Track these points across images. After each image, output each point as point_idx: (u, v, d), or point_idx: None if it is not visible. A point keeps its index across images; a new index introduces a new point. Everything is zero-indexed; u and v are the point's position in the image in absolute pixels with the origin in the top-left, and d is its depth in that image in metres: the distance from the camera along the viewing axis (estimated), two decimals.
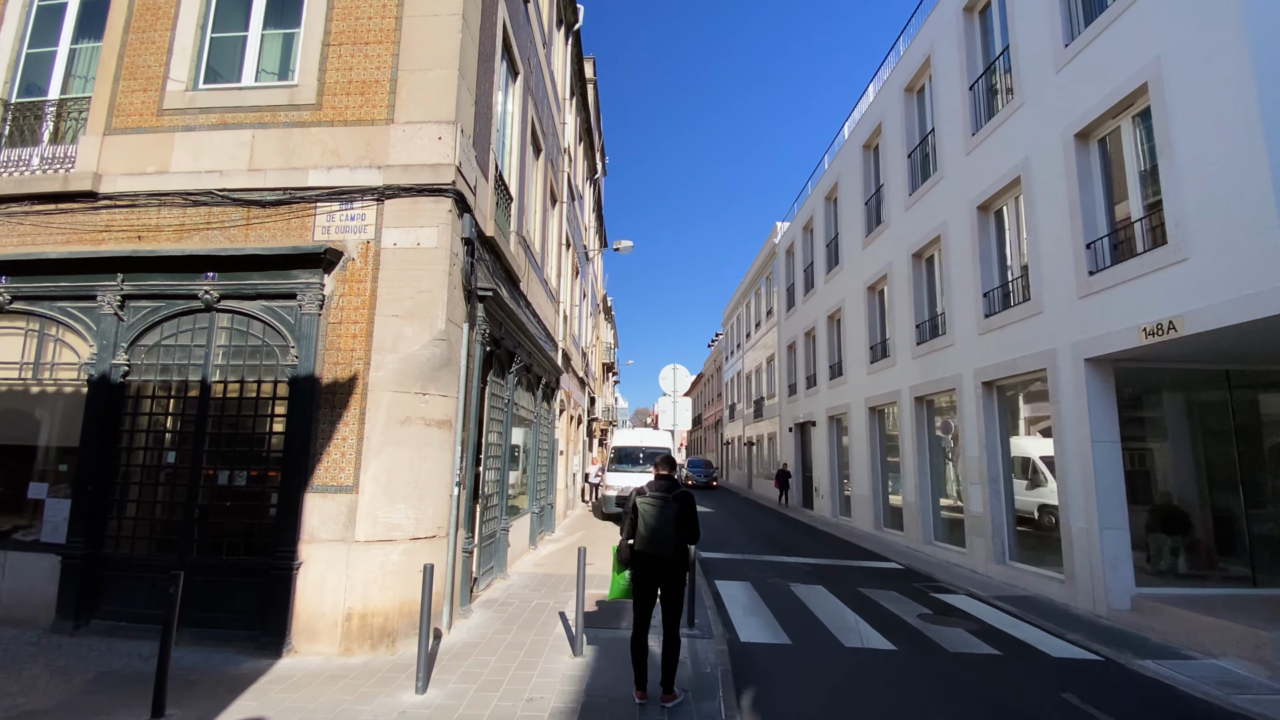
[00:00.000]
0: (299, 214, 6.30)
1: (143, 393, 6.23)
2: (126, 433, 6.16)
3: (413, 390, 5.99)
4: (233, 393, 6.12)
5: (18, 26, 7.08)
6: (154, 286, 6.18)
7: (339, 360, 6.03)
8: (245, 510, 5.95)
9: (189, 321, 6.25)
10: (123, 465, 6.12)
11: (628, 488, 16.40)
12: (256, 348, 6.16)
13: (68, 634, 5.66)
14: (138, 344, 6.24)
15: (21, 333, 6.45)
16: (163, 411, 6.22)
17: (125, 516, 6.03)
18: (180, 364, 6.19)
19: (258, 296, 6.14)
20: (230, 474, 6.01)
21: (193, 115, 6.55)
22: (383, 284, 6.12)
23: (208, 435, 6.04)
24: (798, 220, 23.52)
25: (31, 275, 6.32)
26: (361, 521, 5.74)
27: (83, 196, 6.46)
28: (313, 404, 5.93)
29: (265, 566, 5.68)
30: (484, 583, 8.06)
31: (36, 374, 6.39)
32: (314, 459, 5.87)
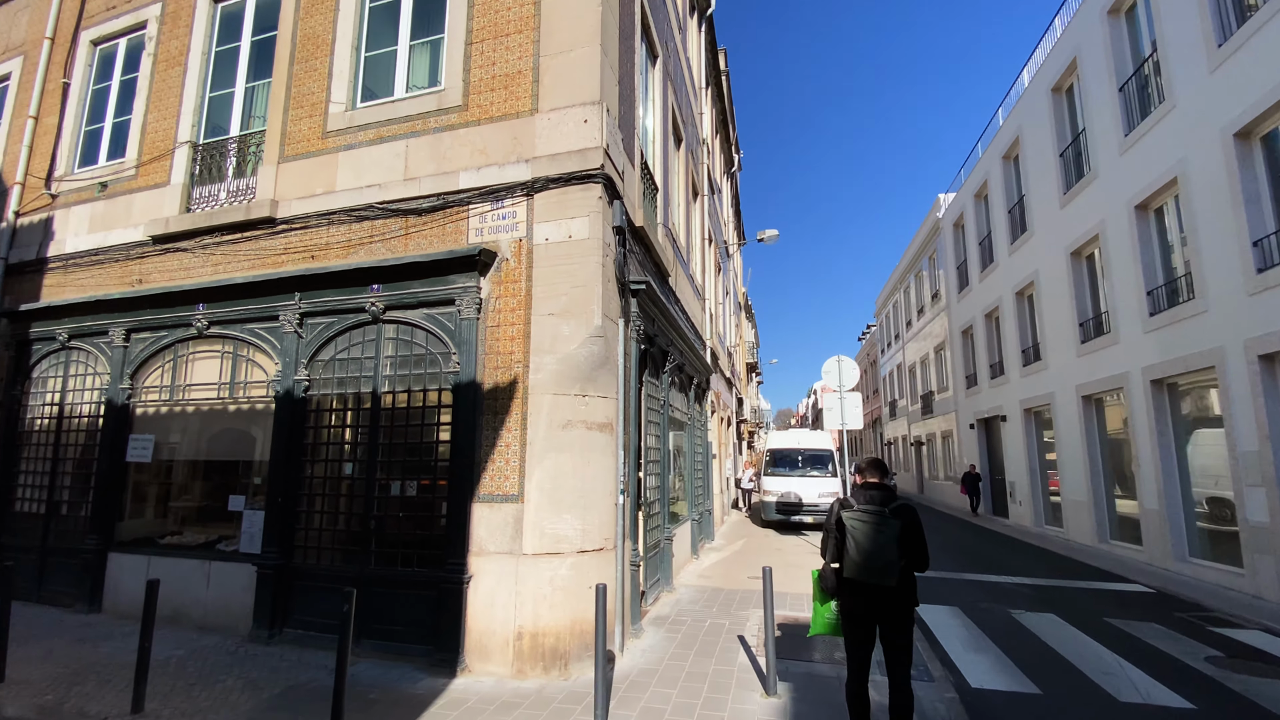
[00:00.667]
0: (453, 218, 6.16)
1: (322, 406, 6.42)
2: (310, 445, 6.37)
3: (572, 392, 5.54)
4: (401, 402, 6.09)
5: (199, 73, 7.78)
6: (327, 303, 6.35)
7: (499, 364, 5.76)
8: (417, 521, 5.86)
9: (359, 334, 6.35)
10: (307, 477, 6.33)
11: (789, 493, 15.24)
12: (421, 356, 6.09)
13: (263, 643, 5.89)
14: (316, 359, 6.46)
15: (218, 355, 6.98)
16: (340, 424, 6.36)
17: (311, 527, 6.21)
18: (353, 376, 6.29)
19: (419, 305, 6.07)
20: (402, 484, 5.96)
21: (352, 134, 6.71)
22: (537, 282, 5.76)
23: (380, 446, 6.06)
24: (967, 188, 20.81)
25: (223, 301, 6.80)
26: (528, 533, 5.37)
27: (263, 223, 6.85)
28: (475, 410, 5.70)
29: (437, 579, 5.51)
30: (651, 596, 7.50)
31: (232, 393, 6.86)
32: (479, 467, 5.63)
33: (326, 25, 7.08)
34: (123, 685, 4.69)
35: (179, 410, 7.10)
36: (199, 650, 5.69)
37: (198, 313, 6.87)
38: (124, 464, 7.13)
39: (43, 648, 5.64)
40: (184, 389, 7.08)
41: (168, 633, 6.19)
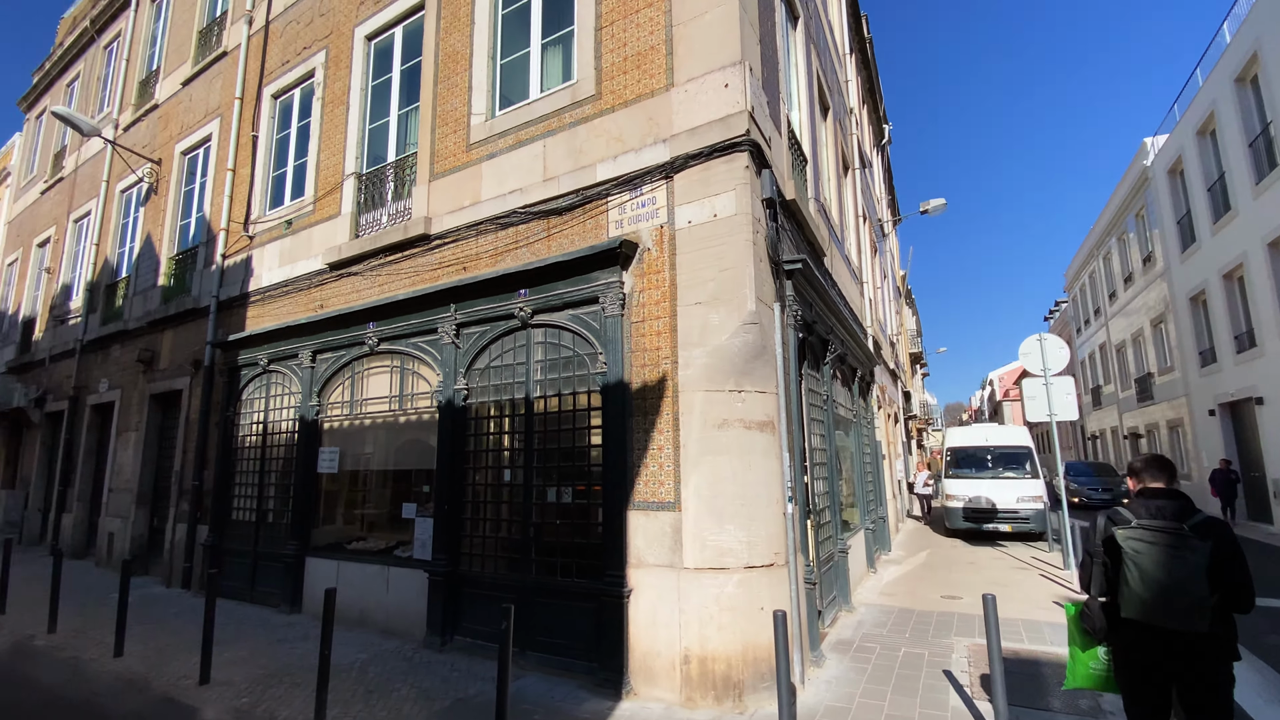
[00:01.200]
0: (592, 213, 5.89)
1: (479, 413, 6.46)
2: (471, 453, 6.42)
3: (726, 388, 4.96)
4: (552, 407, 5.91)
5: (359, 109, 8.33)
6: (479, 311, 6.37)
7: (645, 361, 5.35)
8: (574, 529, 5.62)
9: (510, 340, 6.29)
10: (470, 484, 6.38)
11: (979, 498, 13.34)
12: (568, 358, 5.87)
13: (435, 649, 5.97)
14: (472, 368, 6.51)
15: (388, 369, 7.34)
16: (497, 430, 6.34)
17: (476, 535, 6.24)
18: (507, 383, 6.25)
19: (564, 306, 5.86)
20: (558, 490, 5.77)
21: (493, 142, 6.72)
22: (681, 270, 5.27)
23: (535, 452, 5.92)
24: (1185, 125, 17.17)
25: (389, 318, 7.12)
26: (689, 545, 4.87)
27: (419, 241, 7.10)
28: (624, 412, 5.33)
29: (596, 591, 5.19)
30: (828, 616, 6.65)
31: (401, 405, 7.16)
32: (632, 473, 5.25)
33: (464, 40, 7.21)
34: (310, 690, 4.89)
35: (358, 423, 7.59)
36: (379, 655, 5.89)
37: (369, 331, 7.28)
38: (316, 475, 7.76)
39: (248, 647, 6.18)
40: (361, 403, 7.55)
41: (356, 635, 6.54)
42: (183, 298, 10.25)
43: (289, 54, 9.52)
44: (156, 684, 5.19)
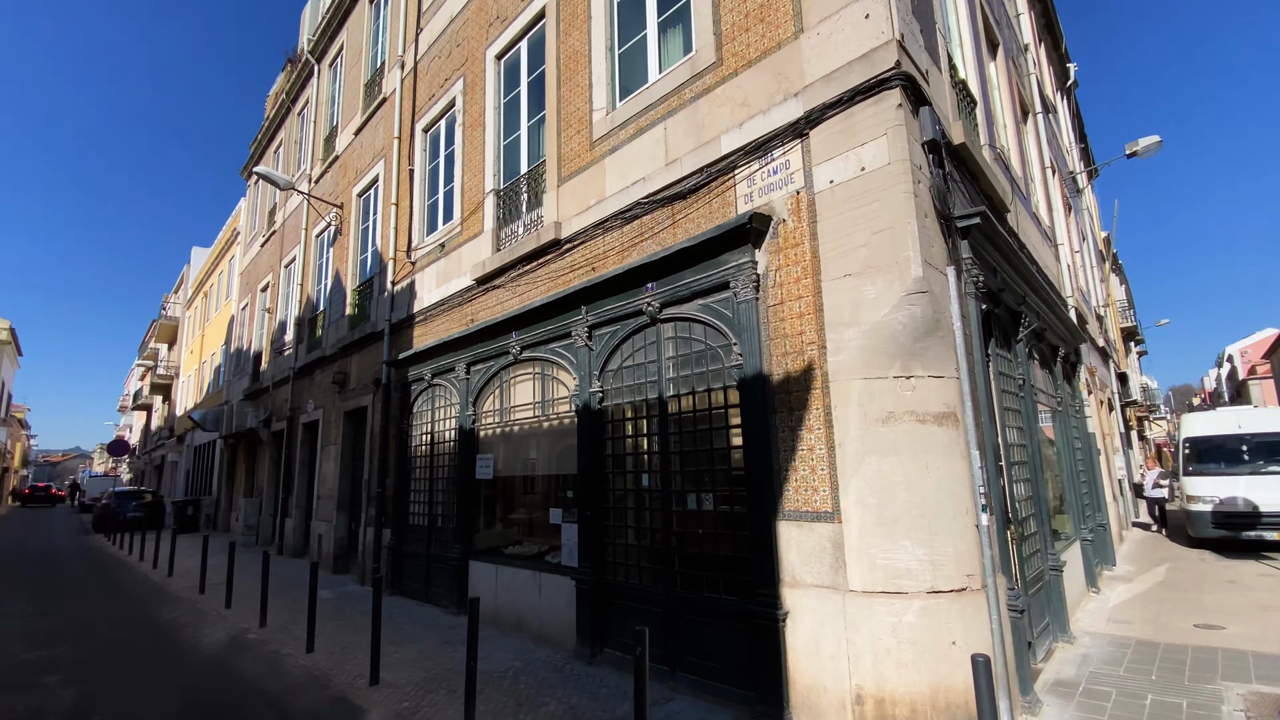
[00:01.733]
0: (718, 191, 5.37)
1: (615, 416, 6.21)
2: (609, 457, 6.19)
3: (890, 373, 4.15)
4: (686, 406, 5.47)
5: (495, 127, 8.58)
6: (608, 311, 6.13)
7: (787, 349, 4.69)
8: (718, 539, 5.09)
9: (640, 339, 5.97)
10: (610, 490, 6.14)
11: (1234, 499, 10.61)
12: (700, 353, 5.39)
13: (585, 661, 5.76)
14: (606, 369, 6.28)
15: (531, 376, 7.38)
16: (633, 433, 6.04)
17: (618, 543, 5.97)
18: (639, 383, 5.93)
19: (692, 296, 5.40)
20: (698, 496, 5.29)
21: (614, 135, 6.48)
22: (824, 238, 4.55)
23: (672, 454, 5.51)
24: None
25: (529, 326, 7.15)
26: (853, 563, 4.12)
27: (551, 246, 7.06)
28: (766, 408, 4.72)
29: (746, 611, 4.62)
30: (1040, 649, 5.42)
31: (544, 411, 7.14)
32: (778, 477, 4.61)
33: (582, 38, 7.08)
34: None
35: (508, 430, 7.75)
36: (531, 664, 5.82)
37: (512, 340, 7.39)
38: (475, 481, 8.05)
39: (416, 649, 6.45)
40: (509, 411, 7.70)
41: (511, 640, 6.59)
42: (364, 324, 11.39)
43: (434, 88, 10.18)
44: (335, 681, 5.54)
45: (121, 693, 5.49)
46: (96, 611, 8.79)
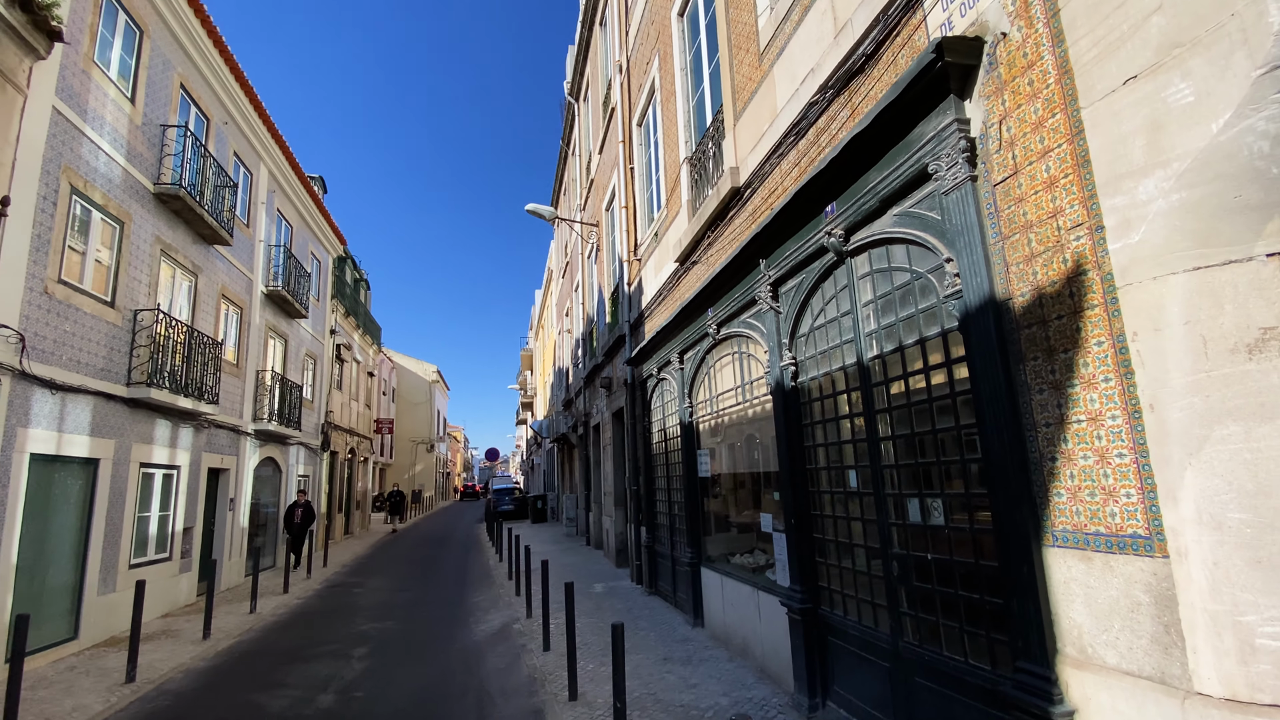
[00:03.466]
0: (904, 41, 3.57)
1: (811, 394, 4.71)
2: (809, 449, 4.72)
3: (1252, 248, 1.95)
4: (894, 370, 3.74)
5: (683, 90, 7.74)
6: (789, 258, 4.71)
7: (1032, 247, 2.72)
8: (952, 570, 3.26)
9: (830, 286, 4.40)
10: (814, 491, 4.66)
11: None
12: (905, 288, 3.63)
13: (803, 712, 4.38)
14: (796, 335, 4.85)
15: (731, 357, 6.26)
16: (832, 415, 4.46)
17: (830, 562, 4.45)
18: (834, 346, 4.35)
19: (883, 207, 3.68)
20: (921, 503, 3.51)
21: (780, 33, 5.03)
22: (1076, 28, 2.50)
23: (880, 443, 3.83)
24: None
25: (718, 299, 6.08)
26: (1201, 637, 2.04)
27: (732, 201, 5.89)
28: (1004, 355, 2.81)
29: (1003, 698, 2.75)
30: None
31: (743, 395, 5.95)
32: (1039, 472, 2.67)
33: None
34: None
35: (718, 421, 6.76)
36: (741, 703, 4.72)
37: (709, 319, 6.43)
38: (698, 479, 7.26)
39: (635, 661, 5.88)
40: (717, 399, 6.72)
41: (732, 668, 5.55)
42: (616, 328, 11.70)
43: (639, 77, 9.90)
44: (543, 690, 5.33)
45: (396, 670, 6.22)
46: (437, 589, 10.65)
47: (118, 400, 7.76)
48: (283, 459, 14.07)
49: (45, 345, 6.51)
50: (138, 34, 8.32)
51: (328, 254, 18.12)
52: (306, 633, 7.75)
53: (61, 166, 6.76)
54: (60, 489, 6.84)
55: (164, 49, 8.92)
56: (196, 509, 9.91)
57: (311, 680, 5.92)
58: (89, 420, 7.22)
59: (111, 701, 5.34)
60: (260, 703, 5.35)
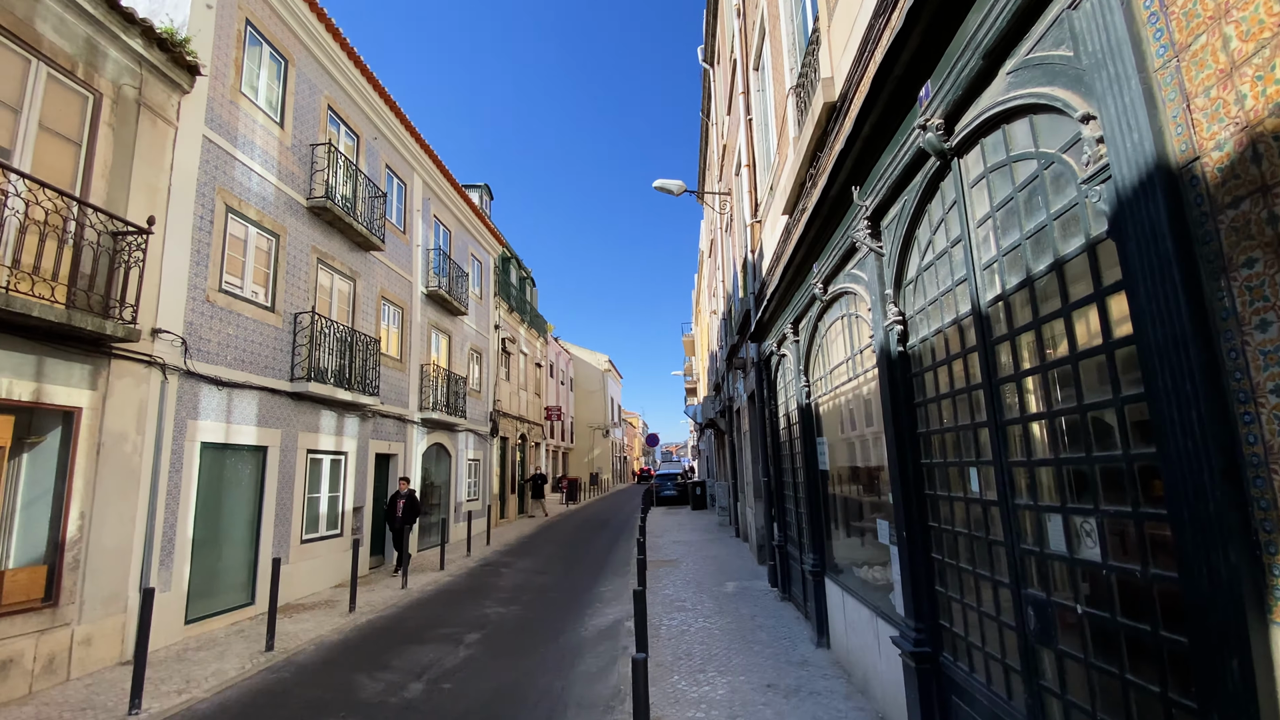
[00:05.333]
0: None
1: (922, 361, 3.45)
2: (923, 437, 3.47)
3: None
4: (1019, 315, 2.45)
5: (787, 9, 6.44)
6: (883, 177, 3.49)
7: (1232, 55, 1.41)
8: (1110, 638, 1.97)
9: (937, 208, 3.14)
10: (929, 495, 3.41)
11: None
12: (1029, 184, 2.34)
13: None
14: (903, 282, 3.61)
15: (840, 321, 5.03)
16: (947, 389, 3.17)
17: (953, 593, 3.20)
18: (945, 291, 3.09)
19: (989, 67, 2.42)
20: (1065, 524, 2.23)
21: None
22: None
23: (1005, 429, 2.57)
24: None
25: (819, 248, 4.93)
26: None
27: (829, 117, 4.65)
28: (1181, 266, 1.53)
29: None
30: None
31: (853, 368, 4.71)
32: (1257, 481, 1.38)
33: None
34: None
35: (834, 402, 5.55)
36: None
37: (814, 277, 5.28)
38: (818, 472, 6.10)
39: (732, 683, 5.03)
40: (830, 375, 5.52)
41: (844, 711, 4.46)
42: (744, 301, 10.66)
43: (752, 14, 8.72)
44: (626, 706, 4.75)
45: (493, 663, 6.08)
46: (574, 575, 10.63)
47: (282, 394, 8.73)
48: (451, 444, 15.24)
49: (209, 347, 7.44)
50: (283, 63, 9.23)
51: (488, 255, 19.31)
52: (437, 612, 8.06)
53: (216, 188, 7.66)
54: (232, 473, 7.83)
55: (309, 75, 9.83)
56: (366, 490, 10.98)
57: (414, 665, 5.99)
58: (255, 412, 8.18)
59: (246, 668, 5.86)
60: (358, 684, 5.49)
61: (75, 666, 5.62)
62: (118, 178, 6.31)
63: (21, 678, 5.19)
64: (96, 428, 5.98)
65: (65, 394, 5.68)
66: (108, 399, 6.09)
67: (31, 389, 5.39)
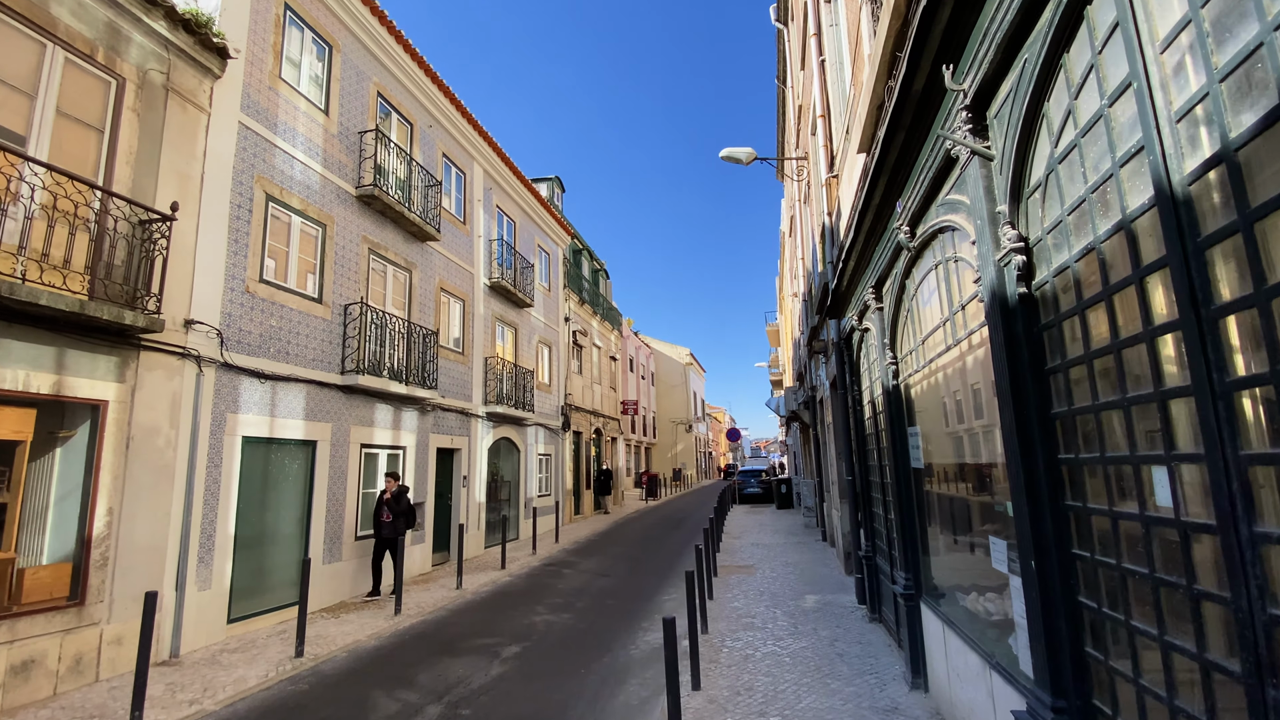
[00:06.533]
0: None
1: (1059, 306, 2.28)
2: (1060, 419, 2.30)
3: None
4: (1264, 188, 1.30)
5: None
6: (988, 36, 2.36)
7: None
8: None
9: (1078, 54, 1.99)
10: (1074, 508, 2.24)
11: None
12: None
13: None
14: (1022, 193, 2.45)
15: (932, 273, 3.84)
16: (1106, 343, 2.00)
17: (1114, 665, 2.03)
18: (1104, 180, 1.94)
19: None
20: None
21: None
22: None
23: (1225, 396, 1.42)
24: None
25: (903, 179, 3.76)
26: None
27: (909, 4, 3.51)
28: None
29: None
30: None
31: (952, 331, 3.52)
32: None
33: None
34: None
35: (927, 381, 4.34)
36: None
37: (898, 216, 4.12)
38: (910, 471, 4.89)
39: None
40: (922, 347, 4.32)
41: None
42: (823, 273, 9.39)
43: None
44: None
45: (525, 685, 5.37)
46: (638, 578, 9.81)
47: (331, 387, 8.50)
48: (520, 439, 14.89)
49: (250, 340, 7.24)
50: (327, 49, 9.01)
51: (556, 246, 18.89)
52: (483, 618, 7.49)
53: (255, 177, 7.46)
54: (278, 468, 7.63)
55: (356, 61, 9.59)
56: (426, 486, 10.70)
57: (440, 682, 5.38)
58: (303, 406, 7.96)
59: (269, 676, 5.49)
60: (373, 702, 4.93)
61: (105, 667, 5.45)
62: (145, 165, 6.13)
63: (45, 679, 5.03)
64: (125, 421, 5.81)
65: (89, 386, 5.52)
66: (137, 392, 5.91)
67: (51, 381, 5.24)
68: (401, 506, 8.51)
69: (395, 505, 8.47)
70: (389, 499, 8.49)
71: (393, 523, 8.44)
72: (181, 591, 6.20)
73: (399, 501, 8.50)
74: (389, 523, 8.45)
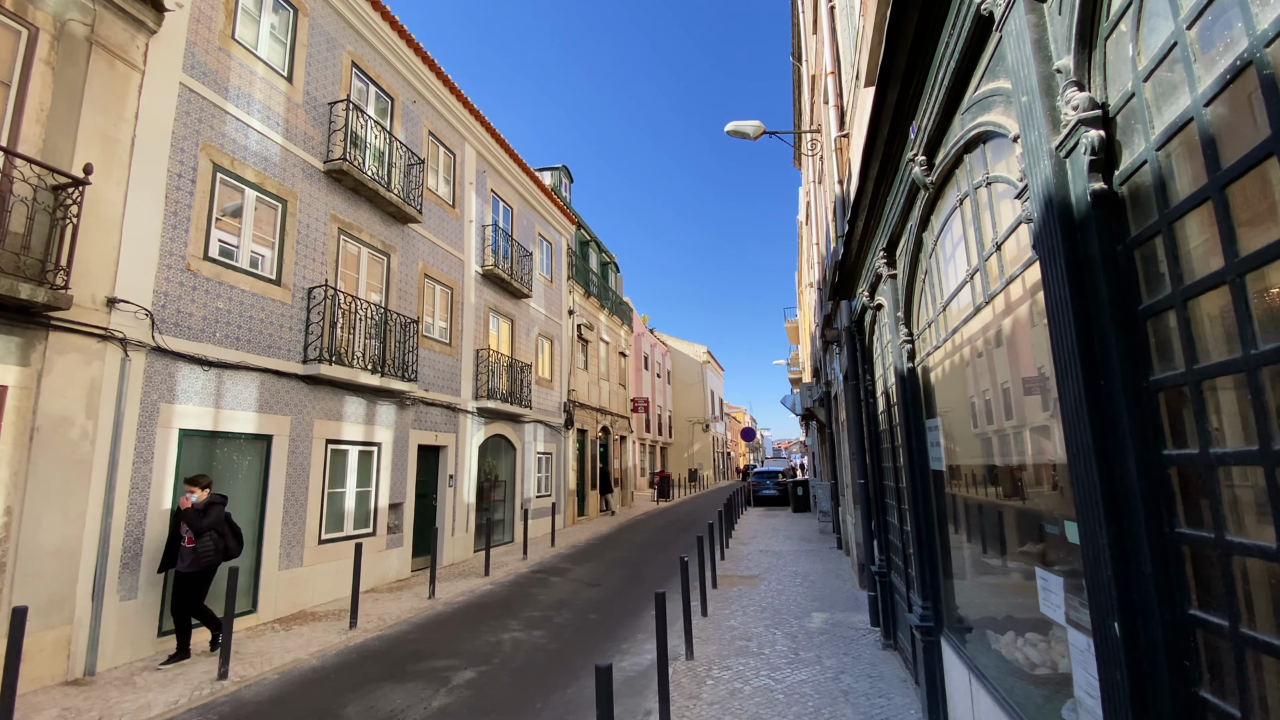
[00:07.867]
0: None
1: (1151, 208, 1.37)
2: (1159, 391, 1.39)
3: None
4: None
5: None
6: None
7: None
8: None
9: None
10: (1183, 535, 1.33)
11: None
12: None
13: None
14: (1096, 38, 1.54)
15: (958, 212, 2.91)
16: (1254, 262, 1.11)
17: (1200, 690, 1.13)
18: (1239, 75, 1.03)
19: None
20: None
21: None
22: None
23: None
24: None
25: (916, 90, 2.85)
26: None
27: None
28: None
29: None
30: None
31: (984, 286, 2.60)
32: None
33: None
34: None
35: (951, 360, 3.41)
36: None
37: (911, 145, 3.21)
38: (929, 474, 3.97)
39: None
40: (942, 317, 3.39)
41: None
42: (834, 251, 8.45)
43: None
44: None
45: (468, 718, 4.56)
46: (631, 588, 8.95)
47: (291, 377, 7.80)
48: (517, 437, 14.15)
49: (191, 323, 6.55)
50: (291, 11, 8.32)
51: (559, 236, 18.12)
52: (446, 635, 6.71)
53: (200, 144, 6.78)
54: (225, 464, 6.94)
55: (326, 26, 8.90)
56: (405, 486, 9.99)
57: (366, 718, 4.60)
58: (255, 397, 7.27)
59: (178, 704, 4.76)
60: None
61: None
62: (61, 125, 5.46)
63: None
64: (29, 410, 5.14)
65: None
66: (44, 377, 5.24)
67: None
68: (206, 522, 5.64)
69: (199, 521, 5.63)
70: (192, 510, 5.65)
71: (195, 548, 5.60)
72: (99, 602, 5.53)
73: (205, 515, 5.68)
74: (190, 548, 5.60)
